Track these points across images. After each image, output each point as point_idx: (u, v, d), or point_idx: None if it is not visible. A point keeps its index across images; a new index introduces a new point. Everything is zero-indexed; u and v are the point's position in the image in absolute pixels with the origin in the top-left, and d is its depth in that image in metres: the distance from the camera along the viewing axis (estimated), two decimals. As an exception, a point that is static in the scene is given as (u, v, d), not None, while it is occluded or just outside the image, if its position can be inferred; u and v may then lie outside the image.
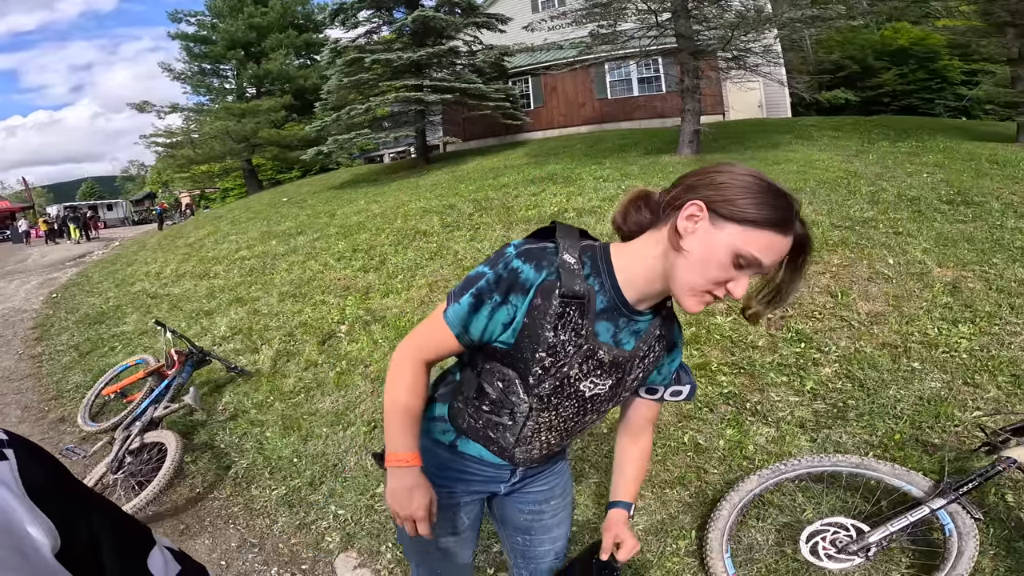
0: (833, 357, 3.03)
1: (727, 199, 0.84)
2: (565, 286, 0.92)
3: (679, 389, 1.18)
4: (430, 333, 1.05)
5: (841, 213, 4.80)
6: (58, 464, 0.54)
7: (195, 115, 23.63)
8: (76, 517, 0.51)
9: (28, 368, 5.30)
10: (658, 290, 0.96)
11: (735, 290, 0.87)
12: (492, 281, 0.95)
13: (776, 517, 2.21)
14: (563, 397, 1.04)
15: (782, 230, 0.84)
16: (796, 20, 8.30)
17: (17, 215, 29.18)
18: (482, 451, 1.15)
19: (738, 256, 0.84)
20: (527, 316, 0.95)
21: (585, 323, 0.95)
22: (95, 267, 10.89)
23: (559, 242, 0.96)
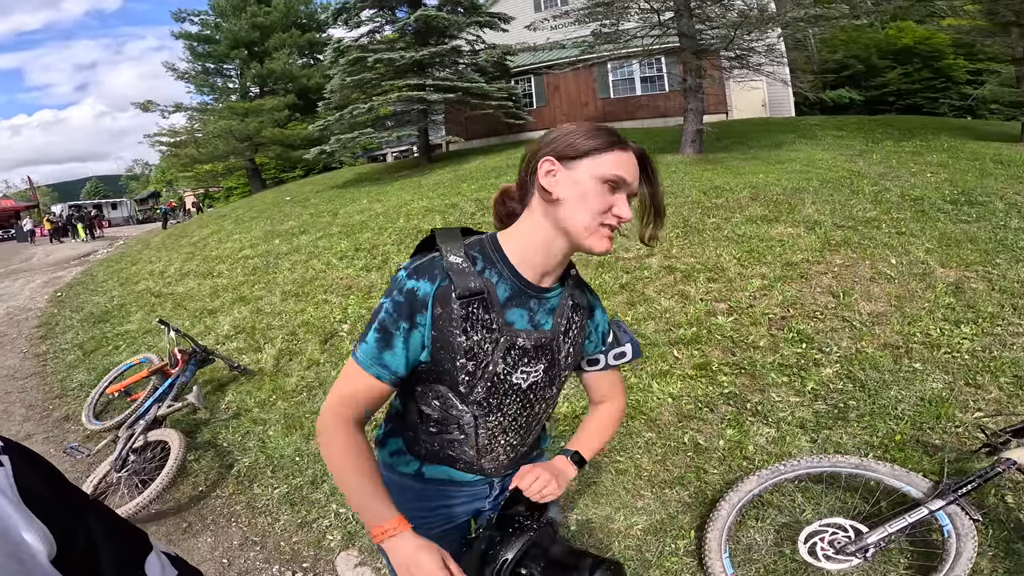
0: (834, 358, 3.02)
1: (567, 144, 0.94)
2: (459, 287, 0.93)
3: (621, 351, 1.18)
4: (347, 384, 0.98)
5: (844, 213, 4.79)
6: (54, 470, 0.54)
7: (199, 114, 23.66)
8: (73, 523, 0.51)
9: (33, 366, 5.33)
10: (556, 259, 0.99)
11: (622, 212, 0.94)
12: (392, 310, 0.94)
13: (775, 517, 2.21)
14: (501, 396, 1.03)
15: (621, 147, 0.95)
16: (799, 19, 8.27)
17: (22, 214, 29.35)
18: (450, 472, 1.13)
19: (604, 180, 0.92)
20: (434, 329, 0.94)
21: (493, 316, 0.96)
22: (100, 266, 10.94)
23: (441, 248, 0.96)
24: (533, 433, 1.16)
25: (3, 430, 3.97)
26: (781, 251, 4.24)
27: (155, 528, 2.75)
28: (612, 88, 16.37)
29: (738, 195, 5.68)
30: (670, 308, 3.79)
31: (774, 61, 9.28)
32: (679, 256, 4.49)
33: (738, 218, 5.04)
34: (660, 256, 4.56)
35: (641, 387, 3.09)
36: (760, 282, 3.86)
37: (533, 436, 1.17)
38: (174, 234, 12.54)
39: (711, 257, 4.36)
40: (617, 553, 2.20)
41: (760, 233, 4.63)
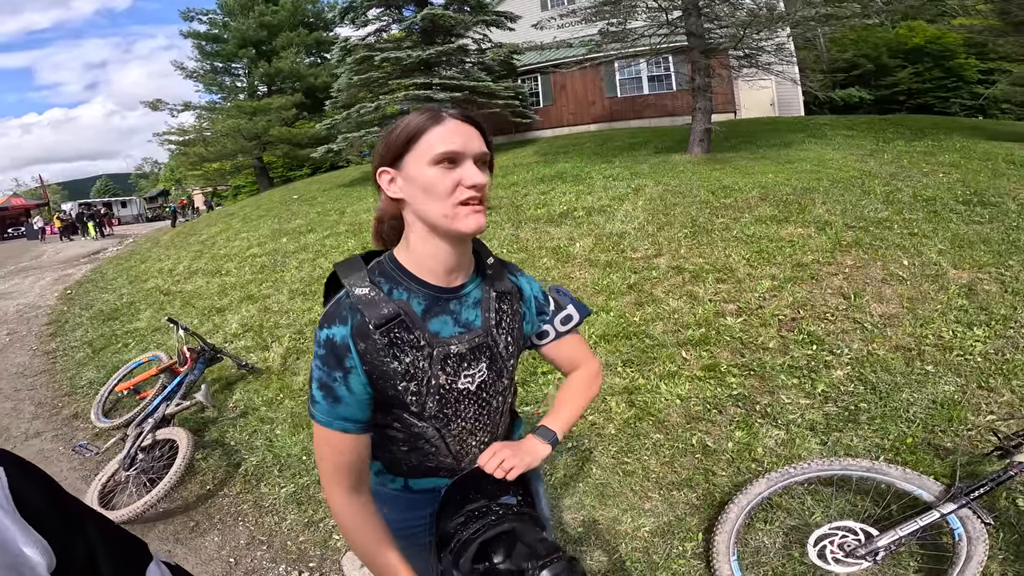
0: (845, 360, 2.99)
1: (387, 148, 0.95)
2: (373, 318, 0.92)
3: (567, 314, 1.17)
4: (325, 452, 0.98)
5: (855, 213, 4.75)
6: (51, 481, 0.53)
7: (207, 113, 23.80)
8: (71, 535, 0.50)
9: (42, 364, 5.38)
10: (450, 254, 0.96)
11: (472, 179, 0.90)
12: (322, 365, 0.94)
13: (784, 520, 2.20)
14: (454, 403, 1.02)
15: (435, 121, 0.91)
16: (810, 18, 8.19)
17: (32, 212, 29.62)
18: (435, 481, 1.12)
19: (434, 162, 0.90)
20: (364, 364, 0.93)
21: (417, 334, 0.95)
22: (109, 264, 11.02)
23: (345, 283, 0.96)
24: (502, 425, 1.17)
25: (13, 428, 4.01)
26: (791, 252, 4.21)
27: (163, 527, 2.76)
28: (619, 87, 16.33)
29: (747, 195, 5.64)
30: (678, 309, 3.77)
31: (783, 60, 9.22)
32: (688, 256, 4.46)
33: (747, 218, 5.01)
34: (668, 256, 4.53)
35: (649, 388, 3.08)
36: (770, 283, 3.83)
37: (503, 428, 1.18)
38: (183, 232, 12.61)
39: (720, 257, 4.33)
40: (624, 555, 2.19)
41: (770, 233, 4.59)
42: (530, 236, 5.63)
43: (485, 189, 0.93)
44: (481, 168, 0.94)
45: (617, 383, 3.18)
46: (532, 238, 5.56)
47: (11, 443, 3.76)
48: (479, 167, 0.93)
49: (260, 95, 26.01)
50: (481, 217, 0.92)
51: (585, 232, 5.41)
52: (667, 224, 5.19)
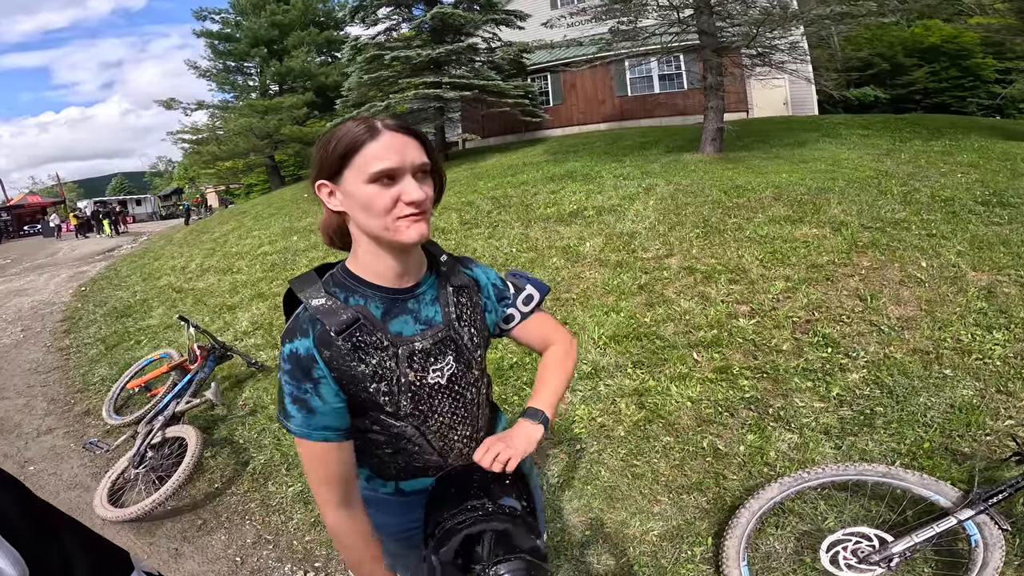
0: (861, 363, 2.94)
1: (324, 162, 0.93)
2: (333, 325, 0.93)
3: (528, 294, 1.19)
4: (312, 467, 1.00)
5: (871, 214, 4.67)
6: (24, 490, 0.52)
7: (220, 112, 23.99)
8: (44, 545, 0.49)
9: (56, 360, 5.44)
10: (398, 258, 0.98)
11: (411, 196, 0.90)
12: (290, 380, 0.95)
13: (796, 525, 2.16)
14: (427, 399, 1.04)
15: (371, 136, 0.90)
16: (824, 17, 8.07)
17: (48, 210, 30.04)
18: (425, 482, 1.14)
19: (373, 178, 0.89)
20: (332, 371, 0.94)
21: (379, 335, 0.96)
22: (123, 261, 11.15)
23: (301, 297, 0.97)
24: (482, 417, 1.18)
25: (25, 424, 4.06)
26: (806, 252, 4.14)
27: (170, 525, 2.77)
28: (630, 86, 16.25)
29: (760, 195, 5.57)
30: (690, 310, 3.73)
31: (797, 59, 9.10)
32: (699, 257, 4.41)
33: (760, 218, 4.94)
34: (680, 256, 4.48)
35: (659, 390, 3.04)
36: (784, 284, 3.77)
37: (483, 420, 1.19)
38: (196, 230, 12.74)
39: (732, 258, 4.27)
40: (632, 559, 2.17)
41: (783, 234, 4.52)
42: (540, 235, 5.60)
43: (427, 200, 0.93)
44: (423, 179, 0.94)
45: (627, 384, 3.14)
46: (542, 237, 5.53)
47: (23, 440, 3.81)
48: (421, 178, 0.93)
49: (272, 94, 26.16)
50: (422, 226, 0.93)
51: (595, 232, 5.37)
52: (678, 224, 5.14)
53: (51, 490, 3.16)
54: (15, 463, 3.49)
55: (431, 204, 0.96)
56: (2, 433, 3.94)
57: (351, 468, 1.02)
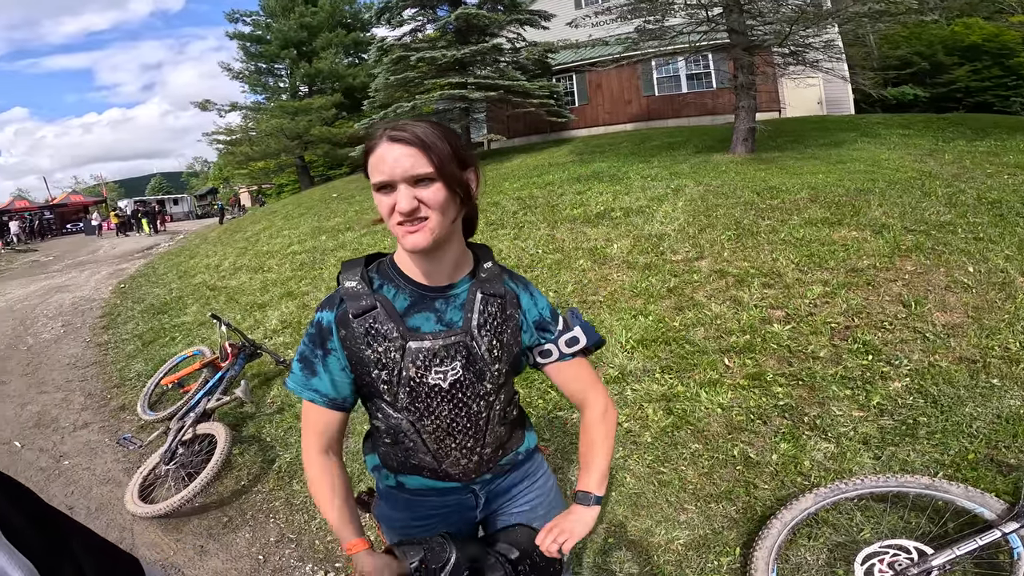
0: (904, 371, 2.82)
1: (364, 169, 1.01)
2: (352, 308, 1.02)
3: (572, 336, 1.16)
4: (304, 420, 1.12)
5: (915, 216, 4.48)
6: (36, 500, 0.52)
7: (252, 113, 24.57)
8: (57, 556, 0.49)
9: (94, 356, 5.61)
10: (426, 259, 1.02)
11: (399, 206, 0.94)
12: (308, 342, 1.07)
13: (830, 537, 2.09)
14: (425, 398, 1.05)
15: (372, 148, 0.97)
16: (861, 15, 7.80)
17: (90, 208, 31.18)
18: (422, 481, 1.16)
19: (375, 189, 0.97)
20: (344, 349, 1.04)
21: (392, 327, 1.01)
22: (161, 259, 11.50)
23: (340, 277, 1.06)
24: (491, 434, 1.13)
25: (62, 419, 4.18)
26: (845, 256, 3.99)
27: (197, 522, 2.81)
28: (656, 85, 16.03)
29: (796, 196, 5.41)
30: (721, 314, 3.63)
31: (832, 57, 8.83)
32: (731, 260, 4.30)
33: (796, 220, 4.79)
34: (711, 259, 4.38)
35: (688, 396, 2.97)
36: (821, 289, 3.65)
37: (493, 436, 1.14)
38: (229, 229, 13.06)
39: (766, 261, 4.15)
40: (655, 568, 2.12)
41: (821, 236, 4.37)
42: (566, 236, 5.55)
43: (426, 207, 0.94)
44: (423, 186, 0.94)
45: (655, 390, 3.08)
46: (568, 239, 5.48)
47: (59, 434, 3.92)
48: (419, 187, 0.94)
49: (301, 95, 26.69)
50: (416, 237, 0.95)
51: (623, 233, 5.29)
52: (709, 226, 5.02)
53: (84, 485, 3.24)
54: (51, 457, 3.59)
55: (434, 210, 0.95)
56: (40, 427, 4.07)
57: (333, 433, 1.10)
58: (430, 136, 0.95)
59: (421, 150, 0.94)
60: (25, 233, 23.70)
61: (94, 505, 3.01)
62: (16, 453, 3.71)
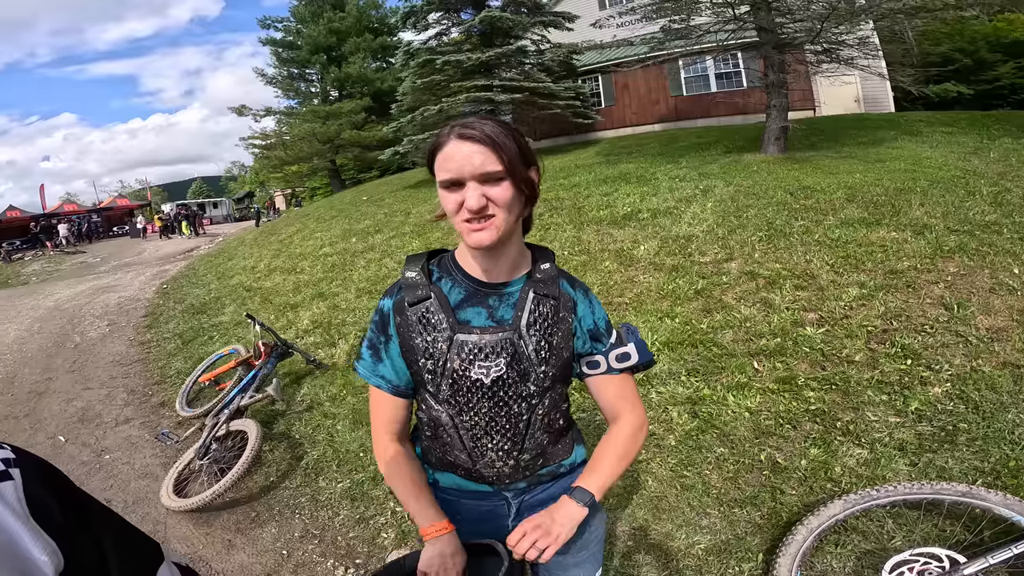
0: (945, 376, 2.71)
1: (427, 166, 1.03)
2: (409, 296, 1.05)
3: (624, 351, 1.13)
4: (372, 407, 1.15)
5: (958, 216, 4.31)
6: (65, 482, 0.54)
7: (286, 118, 25.25)
8: (82, 536, 0.51)
9: (137, 353, 5.84)
10: (485, 256, 1.04)
11: (468, 203, 0.94)
12: (374, 328, 1.11)
13: (858, 544, 2.04)
14: (466, 393, 1.05)
15: (440, 145, 0.97)
16: (896, 11, 7.52)
17: (135, 212, 32.45)
18: (456, 480, 1.16)
19: (441, 185, 0.97)
20: (398, 335, 1.07)
21: (443, 317, 1.03)
22: (201, 261, 11.90)
23: (403, 269, 1.10)
24: (531, 439, 1.10)
25: (105, 414, 4.37)
26: (883, 257, 3.87)
27: (227, 516, 2.89)
28: (684, 85, 15.79)
29: (831, 196, 5.26)
30: (751, 316, 3.56)
31: (868, 54, 8.53)
32: (762, 261, 4.21)
33: (831, 221, 4.66)
34: (741, 261, 4.30)
35: (715, 399, 2.92)
36: (858, 291, 3.53)
37: (533, 443, 1.10)
38: (265, 231, 13.42)
39: (799, 263, 4.05)
40: (675, 572, 2.10)
41: (858, 237, 4.24)
42: (592, 238, 5.52)
43: (493, 205, 0.95)
44: (491, 184, 0.95)
45: (680, 392, 3.04)
46: (594, 240, 5.46)
47: (102, 429, 4.09)
48: (488, 184, 0.95)
49: (332, 100, 27.27)
50: (482, 235, 0.96)
51: (650, 235, 5.24)
52: (739, 227, 4.93)
53: (123, 479, 3.36)
54: (93, 451, 3.74)
55: (501, 208, 0.95)
56: (84, 422, 4.25)
57: (400, 416, 1.13)
58: (499, 134, 0.95)
59: (491, 148, 0.94)
60: (74, 235, 24.78)
61: (131, 499, 3.13)
62: (60, 447, 3.87)
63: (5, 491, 0.47)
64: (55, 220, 25.94)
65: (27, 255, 21.05)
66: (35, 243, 23.85)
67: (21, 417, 4.47)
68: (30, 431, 4.18)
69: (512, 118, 16.08)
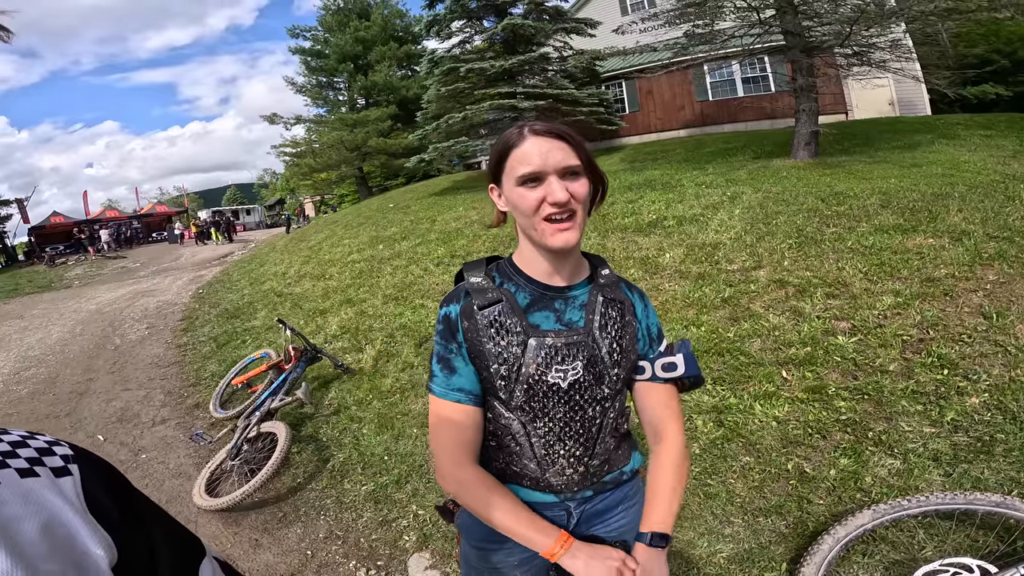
0: (983, 386, 2.63)
1: (489, 166, 1.05)
2: (478, 300, 1.03)
3: (671, 361, 1.11)
4: (442, 429, 1.05)
5: (997, 222, 4.16)
6: (120, 479, 0.56)
7: (315, 126, 25.81)
8: (134, 531, 0.53)
9: (174, 356, 6.04)
10: (552, 259, 1.04)
11: (555, 197, 0.94)
12: (440, 339, 1.06)
13: (887, 554, 2.00)
14: (542, 398, 1.03)
15: (517, 141, 0.98)
16: (928, 13, 7.31)
17: (173, 218, 33.56)
18: (517, 490, 1.09)
19: (519, 181, 0.97)
20: (467, 341, 1.03)
21: (516, 320, 1.02)
22: (235, 266, 12.24)
23: (465, 274, 1.08)
24: (601, 443, 1.09)
25: (143, 415, 4.53)
26: (920, 265, 3.76)
27: (255, 516, 2.97)
28: (710, 90, 15.59)
29: (864, 202, 5.13)
30: (780, 325, 3.50)
31: (901, 57, 8.32)
32: (792, 269, 4.13)
33: (864, 227, 4.55)
34: (769, 269, 4.23)
35: (741, 408, 2.88)
36: (892, 299, 3.44)
37: (603, 447, 1.09)
38: (295, 238, 13.74)
39: (831, 271, 3.96)
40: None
41: (893, 244, 4.13)
42: (617, 246, 5.50)
43: (574, 201, 0.96)
44: (572, 179, 0.96)
45: (705, 401, 3.00)
46: (619, 248, 5.44)
47: (139, 429, 4.24)
48: (568, 179, 0.96)
49: (359, 108, 27.77)
50: (568, 234, 0.96)
51: (675, 242, 5.20)
52: (768, 234, 4.85)
53: (158, 478, 3.48)
54: (130, 451, 3.88)
55: (580, 204, 0.97)
56: (122, 422, 4.41)
57: (477, 431, 1.06)
58: (572, 132, 0.98)
59: (569, 144, 0.97)
60: (115, 241, 25.74)
61: (165, 497, 3.23)
62: (99, 446, 4.01)
63: (64, 486, 0.48)
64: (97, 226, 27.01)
65: (70, 259, 21.96)
66: (78, 248, 24.89)
67: (62, 416, 4.66)
68: (70, 430, 4.35)
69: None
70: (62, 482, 0.49)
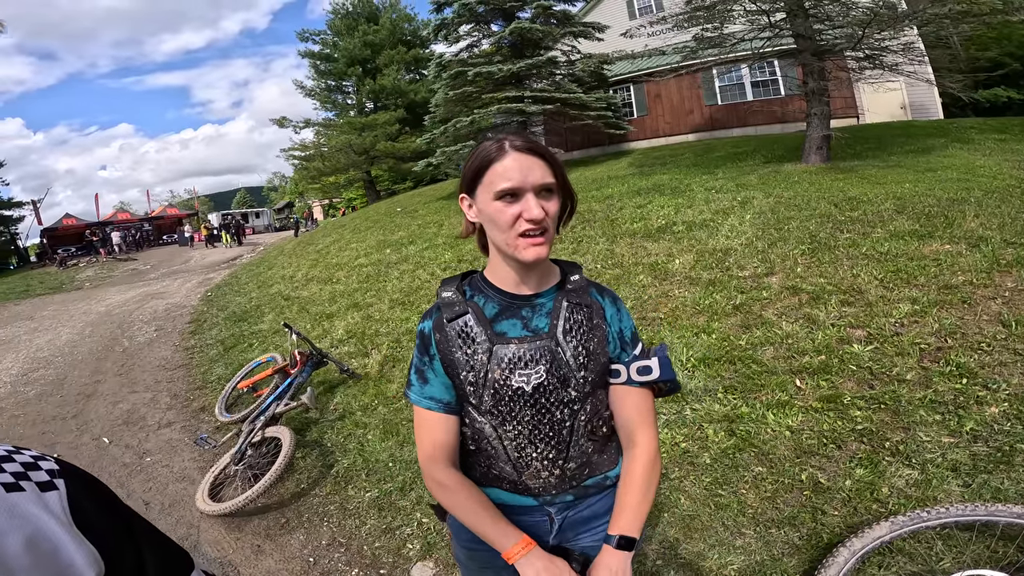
0: (1003, 395, 2.56)
1: (464, 177, 1.07)
2: (447, 314, 1.09)
3: (646, 364, 1.12)
4: (420, 432, 1.13)
5: (1015, 228, 4.08)
6: (107, 493, 0.56)
7: (324, 129, 25.98)
8: (122, 545, 0.53)
9: (182, 359, 6.05)
10: (520, 270, 1.08)
11: (530, 214, 0.98)
12: (417, 352, 1.14)
13: (904, 566, 1.94)
14: (508, 402, 1.06)
15: (499, 155, 1.00)
16: (941, 16, 7.23)
17: (184, 221, 33.86)
18: (498, 493, 1.14)
19: (498, 195, 0.99)
20: (439, 352, 1.10)
21: (481, 330, 1.07)
22: (243, 269, 12.31)
23: (438, 291, 1.15)
24: (575, 447, 1.11)
25: (149, 417, 4.52)
26: (936, 271, 3.68)
27: (257, 521, 2.94)
28: (719, 94, 15.54)
29: (879, 207, 5.06)
30: (793, 333, 3.43)
31: (913, 60, 8.23)
32: (805, 276, 4.06)
33: (879, 233, 4.47)
34: (782, 275, 4.16)
35: (753, 417, 2.82)
36: (909, 307, 3.37)
37: (577, 450, 1.11)
38: (303, 241, 13.79)
39: (845, 277, 3.89)
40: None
41: (909, 250, 4.05)
42: (625, 251, 5.46)
43: (548, 219, 1.00)
44: (547, 197, 1.01)
45: (716, 410, 2.95)
46: (628, 253, 5.39)
47: (145, 432, 4.23)
48: (543, 197, 1.00)
49: (367, 111, 27.93)
50: (540, 249, 1.00)
51: (685, 248, 5.14)
52: (780, 240, 4.79)
53: (162, 481, 3.46)
54: (135, 453, 3.86)
55: (552, 222, 1.02)
56: (128, 424, 4.41)
57: (452, 437, 1.12)
58: (549, 150, 1.02)
59: (547, 162, 1.01)
60: (126, 243, 26.00)
61: (168, 501, 3.21)
62: (104, 448, 4.01)
63: (50, 500, 0.49)
64: (109, 228, 27.29)
65: (81, 261, 22.21)
66: (89, 250, 25.16)
67: (69, 418, 4.67)
68: (76, 432, 4.35)
69: (543, 129, 16.16)
70: (48, 496, 0.49)
